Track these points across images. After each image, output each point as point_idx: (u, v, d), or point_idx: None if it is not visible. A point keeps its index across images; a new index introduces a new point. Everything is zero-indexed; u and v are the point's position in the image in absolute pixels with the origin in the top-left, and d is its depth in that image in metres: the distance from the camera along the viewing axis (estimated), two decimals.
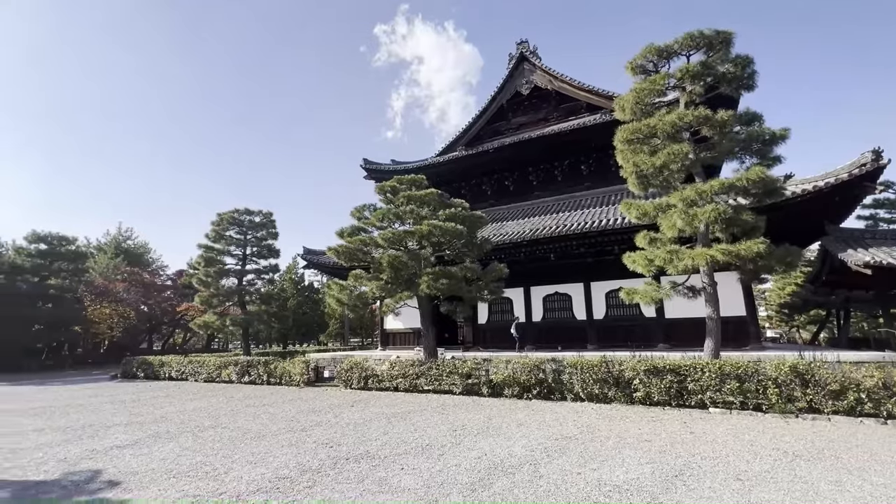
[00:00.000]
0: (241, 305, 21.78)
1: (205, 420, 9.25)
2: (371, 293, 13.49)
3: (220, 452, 6.56)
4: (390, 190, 14.30)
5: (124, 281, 33.06)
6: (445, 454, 6.02)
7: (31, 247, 32.74)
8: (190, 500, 4.65)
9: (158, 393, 14.41)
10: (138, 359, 20.92)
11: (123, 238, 41.67)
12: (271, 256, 22.77)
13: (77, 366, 31.84)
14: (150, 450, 6.91)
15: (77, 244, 35.61)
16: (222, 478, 5.38)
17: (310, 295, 40.73)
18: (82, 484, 5.36)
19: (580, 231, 15.13)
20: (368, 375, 12.85)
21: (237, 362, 16.62)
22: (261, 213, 22.49)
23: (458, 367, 11.41)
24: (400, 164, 23.31)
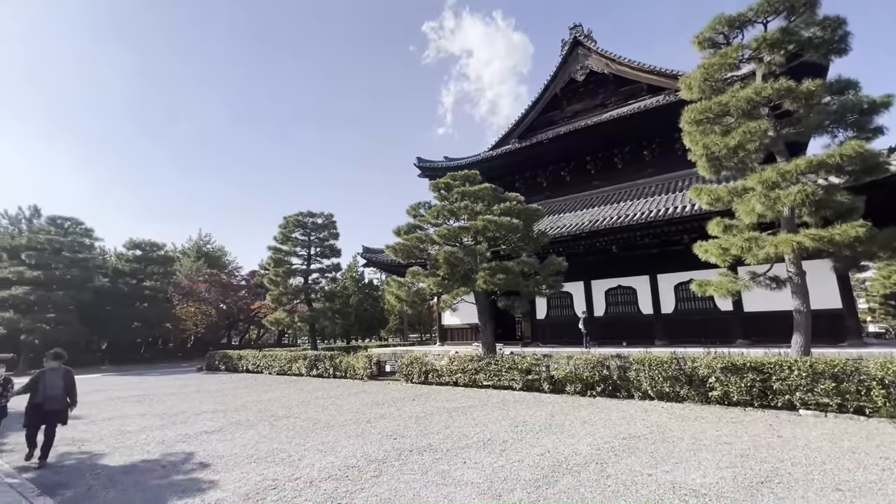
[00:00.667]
0: (307, 303, 23.04)
1: (279, 410, 9.90)
2: (428, 289, 13.69)
3: (294, 441, 6.98)
4: (444, 187, 14.40)
5: (205, 282, 36.21)
6: (507, 450, 5.97)
7: (129, 253, 36.84)
8: (269, 484, 5.00)
9: (238, 384, 15.64)
10: (219, 353, 22.84)
11: (203, 242, 45.63)
12: (333, 256, 23.85)
13: (168, 359, 35.43)
14: (232, 436, 7.51)
15: (165, 249, 39.55)
16: (296, 464, 5.72)
17: (370, 292, 42.19)
18: (178, 464, 5.95)
19: (644, 221, 14.31)
20: (428, 370, 13.07)
21: (305, 356, 17.61)
22: (322, 215, 23.61)
23: (518, 363, 11.28)
24: (453, 161, 23.39)
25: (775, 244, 8.69)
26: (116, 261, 37.51)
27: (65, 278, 30.65)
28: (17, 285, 29.52)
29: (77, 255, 32.35)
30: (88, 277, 32.67)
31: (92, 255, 34.90)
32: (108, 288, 34.12)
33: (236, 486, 4.94)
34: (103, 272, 35.31)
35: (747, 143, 9.11)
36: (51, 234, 33.33)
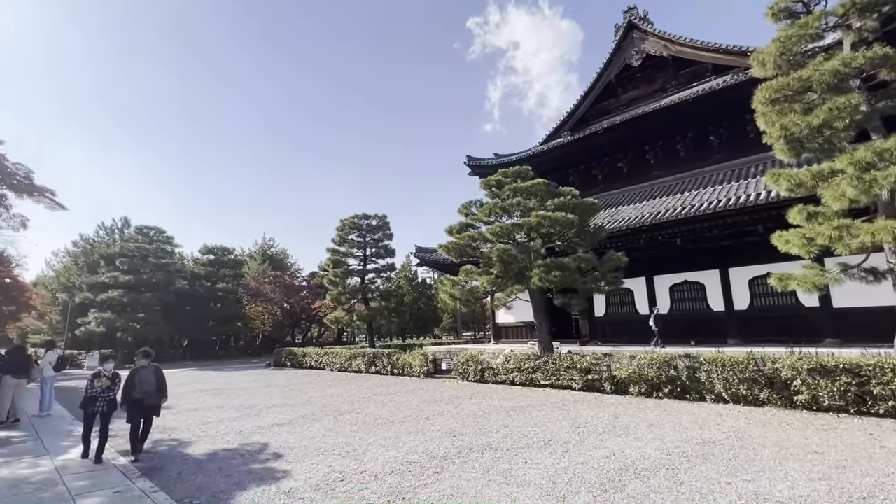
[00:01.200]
0: (364, 302, 23.85)
1: (342, 405, 10.31)
2: (482, 287, 13.65)
3: (357, 435, 7.25)
4: (495, 184, 14.28)
5: (270, 283, 38.52)
6: (570, 451, 5.82)
7: (204, 257, 40.04)
8: (337, 476, 5.22)
9: (303, 380, 16.49)
10: (285, 350, 24.21)
11: (267, 246, 48.61)
12: (388, 256, 24.51)
13: (240, 355, 38.08)
14: (301, 429, 7.93)
15: (235, 253, 42.57)
16: (361, 458, 5.93)
17: (423, 291, 42.88)
18: (254, 454, 6.38)
19: (713, 210, 13.33)
20: (484, 368, 13.05)
21: (364, 354, 18.22)
22: (376, 217, 24.34)
23: (577, 362, 10.95)
24: (503, 157, 23.14)
25: (872, 232, 7.76)
26: (193, 265, 40.89)
27: (151, 282, 33.89)
28: (113, 289, 33.06)
29: (161, 261, 35.65)
30: (171, 281, 35.90)
31: (173, 260, 38.31)
32: (187, 290, 37.28)
33: (307, 477, 5.20)
34: (182, 276, 38.63)
35: (834, 120, 8.21)
36: (138, 242, 37.00)
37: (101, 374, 6.20)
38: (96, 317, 32.38)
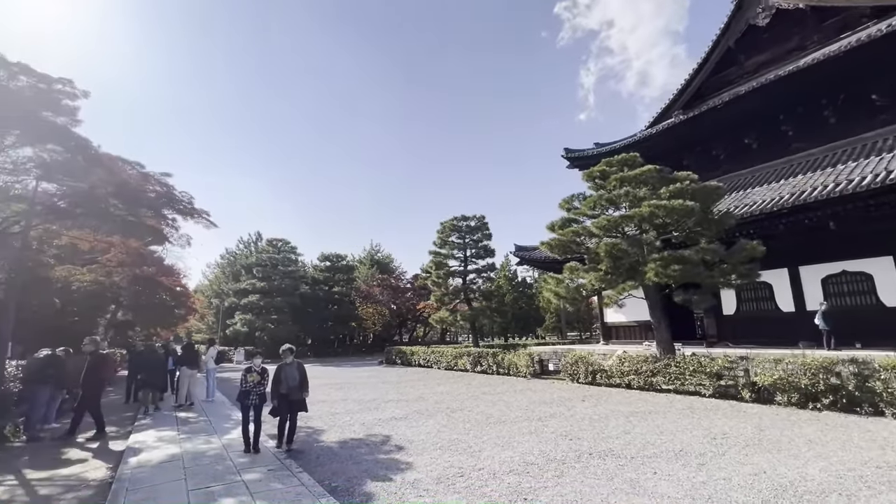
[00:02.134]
0: (467, 302, 24.28)
1: (452, 403, 10.59)
2: (589, 285, 12.97)
3: (471, 433, 7.36)
4: (599, 175, 13.49)
5: (378, 286, 41.26)
6: (707, 464, 5.22)
7: (321, 264, 44.33)
8: (456, 471, 5.35)
9: (413, 377, 17.32)
10: (395, 349, 25.71)
11: (374, 251, 52.22)
12: (487, 256, 24.65)
13: (355, 353, 41.33)
14: (416, 423, 8.32)
15: (347, 259, 46.44)
16: (477, 455, 6.01)
17: (524, 290, 42.27)
18: (379, 445, 6.85)
19: (883, 183, 10.92)
20: (595, 370, 12.38)
21: (469, 353, 18.53)
22: (475, 218, 24.64)
23: (705, 366, 9.83)
24: (604, 146, 21.78)
25: None
26: (313, 271, 45.53)
27: (281, 287, 38.54)
28: (252, 294, 38.32)
29: (287, 269, 40.39)
30: (296, 286, 40.44)
31: (297, 267, 43.15)
32: (309, 294, 41.64)
33: (428, 470, 5.42)
34: (305, 281, 43.24)
35: None
36: (269, 252, 42.38)
37: (252, 369, 6.56)
38: (241, 318, 37.86)
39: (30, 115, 11.20)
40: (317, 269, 44.53)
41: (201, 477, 5.26)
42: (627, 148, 17.87)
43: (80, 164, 12.58)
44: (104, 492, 5.05)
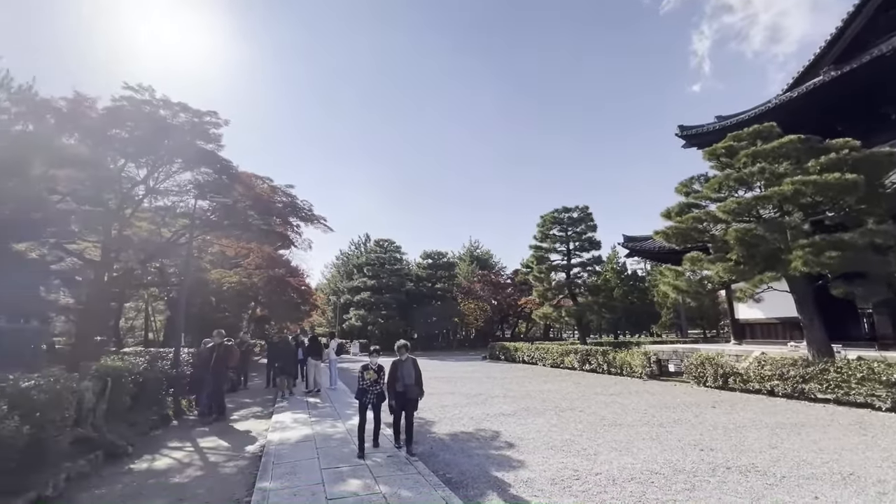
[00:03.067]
0: (571, 297, 23.28)
1: (562, 402, 10.21)
2: (716, 277, 11.48)
3: (584, 434, 7.01)
4: (724, 152, 11.85)
5: (479, 281, 41.70)
6: (890, 494, 4.26)
7: (424, 262, 46.18)
8: (571, 473, 5.13)
9: (518, 373, 17.13)
10: (498, 344, 25.71)
11: (474, 248, 52.89)
12: (593, 249, 23.28)
13: (458, 348, 42.32)
14: (525, 421, 8.18)
15: (448, 256, 47.71)
16: (593, 458, 5.69)
17: (635, 284, 39.21)
18: (489, 440, 6.87)
19: None
20: (727, 373, 10.95)
21: (576, 351, 17.73)
22: (577, 209, 23.46)
23: (880, 373, 8.06)
24: (728, 119, 19.08)
25: None
26: (416, 268, 47.68)
27: (388, 284, 41.07)
28: (364, 291, 41.45)
29: (394, 267, 42.88)
30: (402, 283, 42.74)
31: (402, 265, 45.58)
32: (413, 290, 43.71)
33: (541, 470, 5.28)
34: (409, 278, 45.47)
35: None
36: (377, 252, 45.39)
37: (369, 367, 6.28)
38: (355, 313, 41.22)
39: (188, 144, 13.45)
40: (420, 267, 46.53)
41: (331, 458, 5.80)
42: (759, 118, 15.39)
43: (224, 183, 14.78)
44: (255, 463, 5.84)
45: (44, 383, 5.05)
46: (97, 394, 6.36)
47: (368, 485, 4.72)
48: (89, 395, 6.11)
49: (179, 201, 16.10)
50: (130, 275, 16.58)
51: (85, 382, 6.12)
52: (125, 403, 7.62)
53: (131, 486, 5.07)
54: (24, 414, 4.42)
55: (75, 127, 12.39)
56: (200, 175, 14.77)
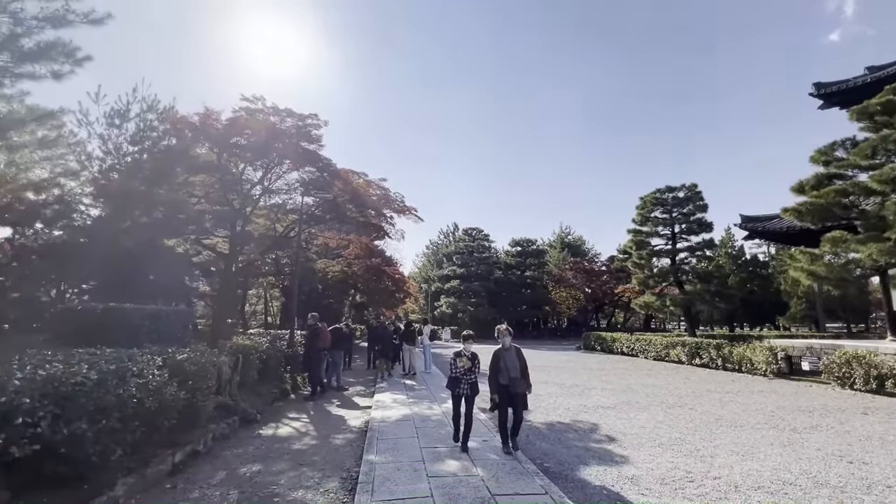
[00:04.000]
0: (677, 285, 21.24)
1: (668, 397, 9.42)
2: (868, 260, 9.60)
3: (697, 434, 6.38)
4: (881, 108, 9.78)
5: (571, 269, 40.11)
6: None
7: (513, 249, 45.65)
8: (683, 474, 4.69)
9: (616, 365, 16.19)
10: (593, 334, 24.53)
11: (564, 234, 50.94)
12: (702, 231, 20.89)
13: (549, 337, 41.33)
14: (627, 415, 7.68)
15: (537, 244, 46.60)
16: (709, 461, 5.15)
17: (755, 270, 34.51)
18: (587, 432, 6.59)
19: None
20: (884, 375, 9.17)
21: (684, 343, 16.21)
22: (684, 188, 21.19)
23: None
24: (883, 69, 15.63)
25: None
26: (505, 256, 47.36)
27: (477, 273, 41.40)
28: (453, 279, 42.31)
29: (482, 255, 43.08)
30: (490, 271, 42.80)
31: (490, 254, 45.61)
32: (502, 278, 43.53)
33: (648, 468, 4.91)
34: (498, 266, 45.35)
35: None
36: (465, 241, 45.92)
37: (462, 353, 5.62)
38: (445, 301, 42.30)
39: (295, 146, 14.75)
40: (508, 255, 46.14)
41: (429, 438, 6.02)
42: None
43: (326, 180, 15.97)
44: (361, 437, 6.29)
45: (193, 357, 5.95)
46: (232, 368, 7.34)
47: (466, 467, 4.81)
48: (226, 369, 7.07)
49: (289, 199, 17.84)
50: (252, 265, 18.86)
51: (223, 357, 7.10)
52: (253, 377, 8.71)
53: (261, 448, 5.77)
54: (180, 381, 5.25)
55: (206, 138, 14.28)
56: (305, 174, 16.17)
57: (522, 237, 45.36)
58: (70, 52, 6.53)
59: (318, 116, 15.07)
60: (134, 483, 4.04)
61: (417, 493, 4.09)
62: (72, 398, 3.63)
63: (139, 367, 4.68)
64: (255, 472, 4.81)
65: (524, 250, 44.61)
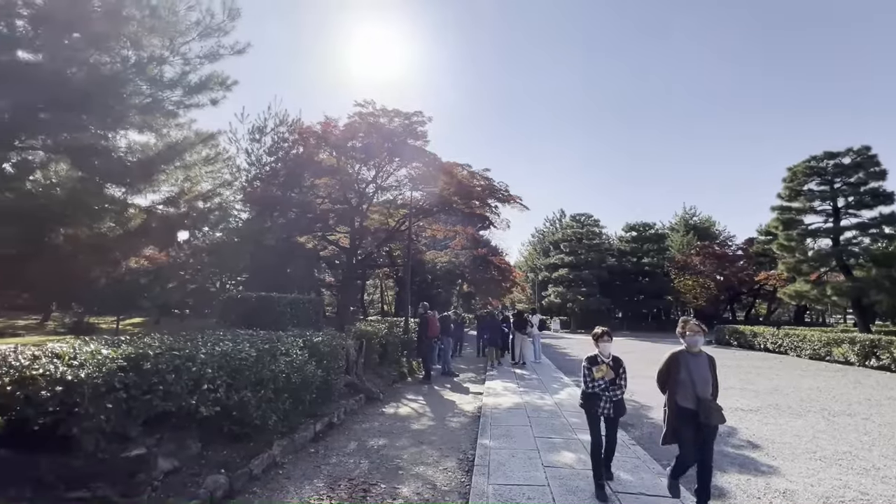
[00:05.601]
0: (842, 270, 17.54)
1: (832, 403, 7.94)
2: None
3: (874, 449, 5.28)
4: None
5: (698, 254, 35.74)
6: None
7: (627, 234, 42.42)
8: (856, 495, 3.93)
9: (758, 363, 14.10)
10: (729, 327, 21.69)
11: (689, 216, 45.54)
12: (879, 203, 16.80)
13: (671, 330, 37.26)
14: (775, 421, 6.67)
15: (656, 227, 42.63)
16: (894, 483, 4.22)
17: None
18: (724, 436, 5.85)
19: None
20: None
21: (853, 340, 13.43)
22: (850, 153, 17.28)
23: None
24: None
25: None
26: (618, 242, 44.24)
27: (587, 261, 39.38)
28: (561, 268, 40.85)
29: (592, 242, 40.80)
30: (602, 259, 40.39)
31: (601, 240, 42.98)
32: (615, 266, 40.78)
33: (806, 483, 4.21)
34: (611, 253, 42.57)
35: None
36: (573, 228, 43.93)
37: (598, 359, 3.92)
38: (553, 290, 41.10)
39: (403, 144, 15.56)
40: (622, 241, 43.01)
41: (542, 428, 5.95)
42: None
43: (432, 174, 16.57)
44: (474, 422, 6.47)
45: (326, 339, 6.70)
46: (357, 350, 8.11)
47: (583, 460, 4.65)
48: (352, 351, 7.84)
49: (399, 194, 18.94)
50: (369, 258, 20.47)
51: (349, 341, 7.88)
52: (374, 360, 9.52)
53: (385, 425, 6.30)
54: (317, 361, 5.96)
55: (326, 144, 15.83)
56: (413, 170, 16.98)
57: (638, 221, 41.90)
58: (223, 80, 7.74)
59: (423, 113, 15.65)
60: (286, 445, 4.72)
61: (533, 480, 4.08)
62: (239, 371, 4.36)
63: (286, 347, 5.42)
64: (381, 446, 5.26)
65: (640, 235, 41.13)
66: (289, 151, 18.37)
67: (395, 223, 19.06)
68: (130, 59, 6.95)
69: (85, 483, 2.79)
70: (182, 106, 7.72)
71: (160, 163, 7.62)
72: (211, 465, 3.85)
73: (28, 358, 3.04)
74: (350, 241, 17.68)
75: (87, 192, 7.03)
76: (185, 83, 7.46)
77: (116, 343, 3.86)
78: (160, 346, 3.93)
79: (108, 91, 6.40)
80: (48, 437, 2.86)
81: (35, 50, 6.21)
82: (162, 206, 8.27)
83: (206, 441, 4.10)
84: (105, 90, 6.35)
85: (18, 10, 5.91)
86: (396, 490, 3.96)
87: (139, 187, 8.01)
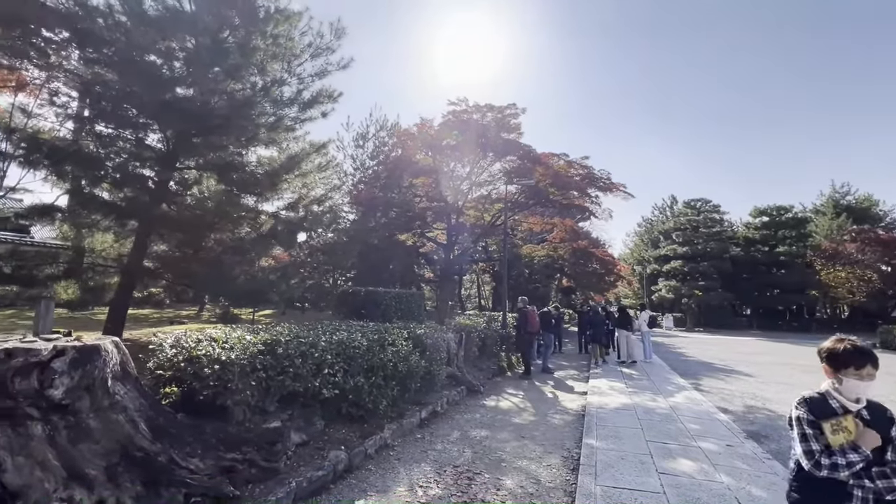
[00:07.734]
0: None
1: None
2: None
3: None
4: None
5: (854, 241, 29.82)
6: None
7: (756, 220, 37.10)
8: None
9: None
10: None
11: (840, 196, 38.13)
12: None
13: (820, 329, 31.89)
14: None
15: (794, 211, 36.62)
16: None
17: None
18: None
19: None
20: None
21: None
22: None
23: None
24: None
25: None
26: (744, 230, 38.91)
27: (705, 251, 35.32)
28: (674, 260, 37.22)
29: (711, 230, 36.49)
30: (724, 248, 35.90)
31: (722, 228, 38.20)
32: (741, 256, 35.95)
33: None
34: (735, 242, 37.62)
35: None
36: (688, 215, 39.70)
37: (834, 405, 1.91)
38: (664, 284, 37.67)
39: (496, 138, 15.51)
40: (749, 228, 37.79)
41: (655, 432, 5.52)
42: None
43: (527, 167, 16.26)
44: (578, 420, 6.24)
45: (428, 332, 7.01)
46: (457, 343, 8.33)
47: (706, 470, 4.22)
48: (453, 344, 8.08)
49: (493, 189, 18.96)
50: (466, 253, 20.84)
51: (449, 334, 8.13)
52: (474, 353, 9.69)
53: (486, 416, 6.39)
54: (420, 352, 6.27)
55: (423, 144, 16.45)
56: (507, 163, 16.84)
57: (770, 204, 36.37)
58: (331, 93, 8.49)
59: (516, 105, 15.45)
60: (395, 429, 5.05)
61: (646, 486, 3.82)
62: (353, 358, 4.78)
63: (392, 338, 5.79)
64: (483, 437, 5.35)
65: (774, 220, 35.70)
66: (388, 154, 19.48)
67: (491, 218, 19.11)
68: (258, 84, 7.98)
69: (238, 447, 3.31)
70: (298, 121, 8.64)
71: (283, 173, 8.62)
72: (332, 442, 4.29)
73: (194, 340, 3.70)
74: (447, 237, 18.19)
75: (230, 203, 8.25)
76: (299, 100, 8.33)
77: (256, 330, 4.50)
78: (289, 333, 4.48)
79: (242, 114, 7.43)
80: (210, 406, 3.46)
81: (188, 86, 7.45)
82: (285, 211, 9.36)
83: (327, 420, 4.58)
84: (240, 113, 7.38)
85: (176, 53, 7.15)
86: (500, 481, 4.01)
87: (267, 196, 9.19)
